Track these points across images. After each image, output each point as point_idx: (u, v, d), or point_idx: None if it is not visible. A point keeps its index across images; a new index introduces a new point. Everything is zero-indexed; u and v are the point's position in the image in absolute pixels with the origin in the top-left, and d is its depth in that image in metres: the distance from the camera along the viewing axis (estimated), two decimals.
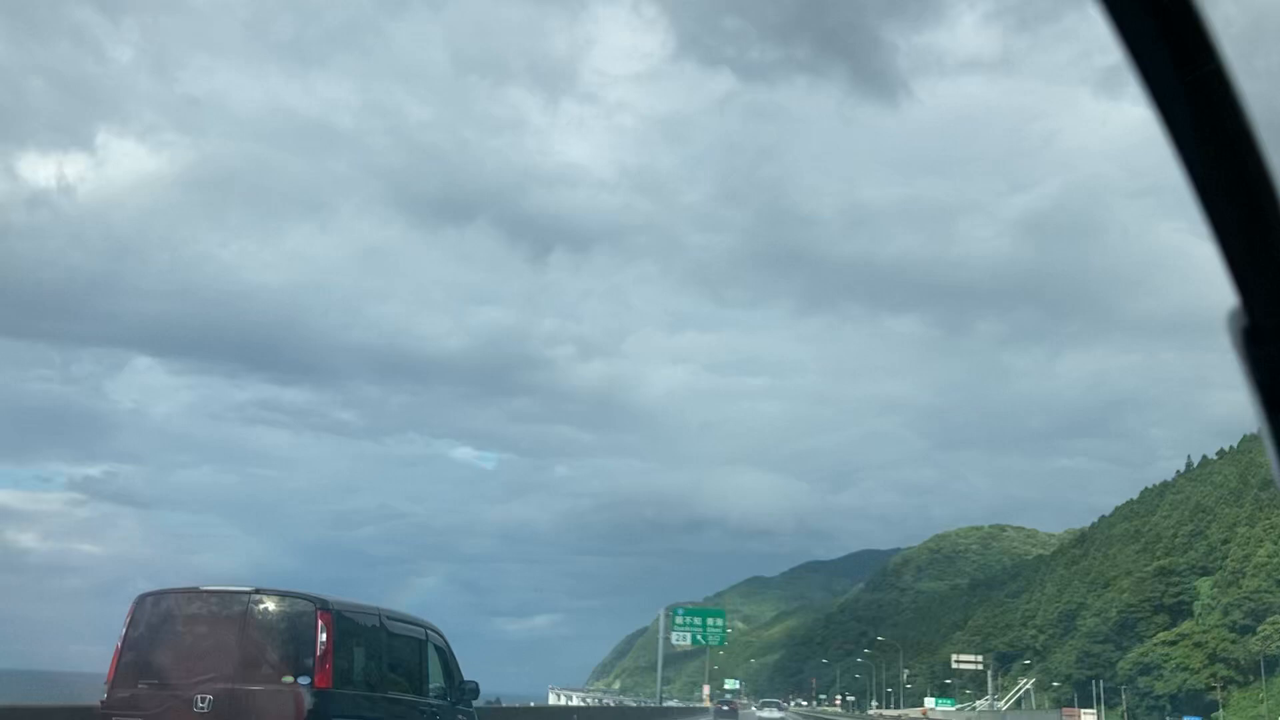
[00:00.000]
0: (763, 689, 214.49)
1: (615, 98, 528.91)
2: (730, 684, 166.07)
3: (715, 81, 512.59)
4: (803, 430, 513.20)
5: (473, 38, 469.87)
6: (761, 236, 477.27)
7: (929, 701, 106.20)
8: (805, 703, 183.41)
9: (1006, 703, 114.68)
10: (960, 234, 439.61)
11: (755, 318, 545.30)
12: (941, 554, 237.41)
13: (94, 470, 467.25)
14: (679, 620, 79.58)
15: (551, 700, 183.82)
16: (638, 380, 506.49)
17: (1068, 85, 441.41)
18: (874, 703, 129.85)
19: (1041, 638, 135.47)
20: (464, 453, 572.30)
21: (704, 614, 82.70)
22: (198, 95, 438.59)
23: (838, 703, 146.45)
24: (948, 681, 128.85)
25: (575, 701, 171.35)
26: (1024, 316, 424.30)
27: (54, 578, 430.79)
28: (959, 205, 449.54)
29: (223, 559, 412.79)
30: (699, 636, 78.22)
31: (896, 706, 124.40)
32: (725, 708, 76.43)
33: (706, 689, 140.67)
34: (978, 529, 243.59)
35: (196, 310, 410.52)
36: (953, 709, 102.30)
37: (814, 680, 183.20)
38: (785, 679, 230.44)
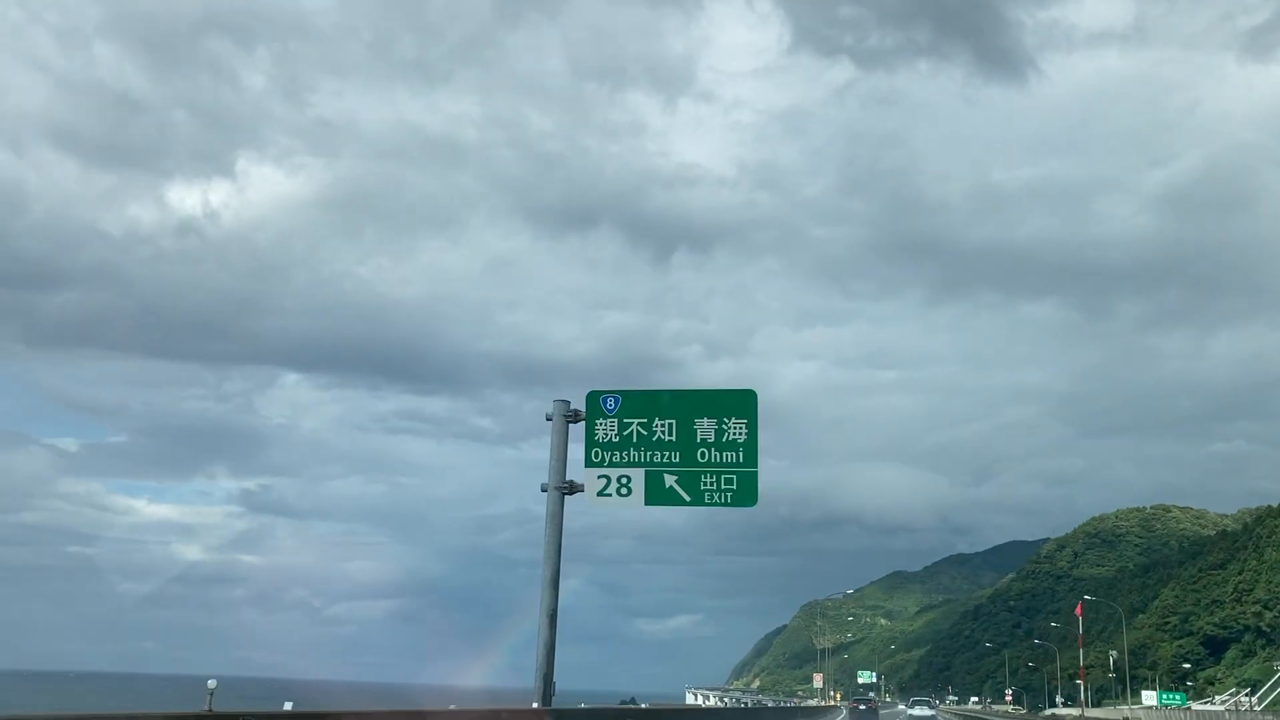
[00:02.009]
0: (908, 686, 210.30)
1: (733, 94, 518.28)
2: (865, 676, 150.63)
3: (833, 71, 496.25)
4: (939, 423, 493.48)
5: (589, 44, 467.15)
6: (888, 226, 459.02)
7: (1148, 696, 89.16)
8: (957, 700, 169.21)
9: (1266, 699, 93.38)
10: (1097, 213, 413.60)
11: (884, 309, 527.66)
12: (1100, 538, 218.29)
13: (250, 484, 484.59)
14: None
15: (689, 700, 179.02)
16: (766, 377, 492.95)
17: (1209, 51, 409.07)
18: (1060, 699, 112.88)
19: (1269, 615, 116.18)
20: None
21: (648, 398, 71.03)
22: (329, 117, 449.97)
23: (1008, 700, 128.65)
24: (1135, 673, 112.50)
25: (712, 701, 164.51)
26: (1169, 296, 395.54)
27: (218, 588, 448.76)
28: (1095, 184, 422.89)
29: (374, 566, 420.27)
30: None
31: (1089, 705, 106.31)
32: (863, 707, 68.77)
33: (818, 678, 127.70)
34: (1139, 510, 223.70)
35: (338, 326, 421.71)
36: (1184, 705, 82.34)
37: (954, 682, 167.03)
38: (932, 675, 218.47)
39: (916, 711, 76.39)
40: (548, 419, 14.31)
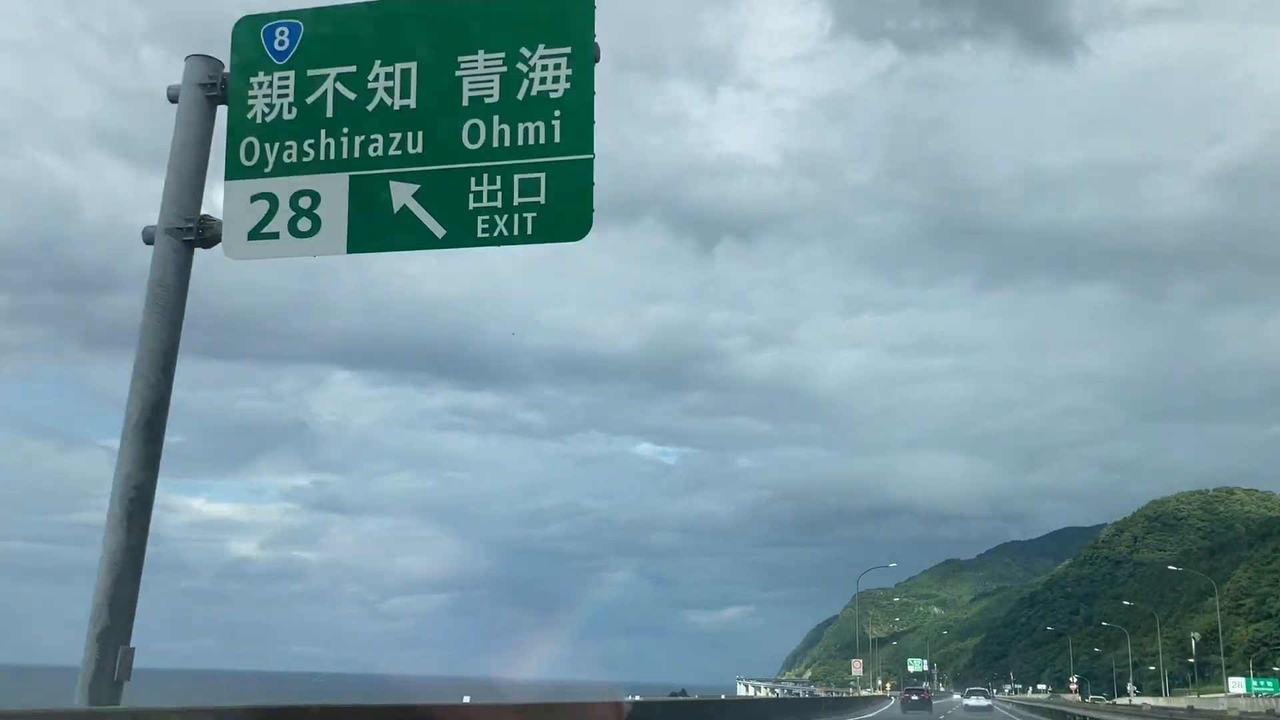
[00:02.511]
0: (962, 676, 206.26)
1: (774, 82, 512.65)
2: (916, 664, 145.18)
3: (876, 56, 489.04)
4: (991, 410, 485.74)
5: (628, 35, 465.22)
6: (936, 211, 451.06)
7: (1235, 683, 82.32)
8: (1019, 688, 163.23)
9: None
10: (1150, 194, 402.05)
11: (934, 296, 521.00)
12: (1160, 521, 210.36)
13: (303, 481, 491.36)
14: None
15: (740, 691, 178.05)
16: (814, 367, 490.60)
17: (1264, 23, 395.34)
18: (1131, 688, 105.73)
19: None
20: (644, 448, 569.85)
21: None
22: None
23: (1073, 687, 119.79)
24: (1206, 658, 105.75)
25: (763, 692, 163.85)
26: (1227, 277, 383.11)
27: (273, 583, 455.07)
28: (1147, 163, 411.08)
29: (426, 561, 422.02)
30: None
31: (1166, 692, 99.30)
32: (915, 697, 64.72)
33: (857, 665, 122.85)
34: (1200, 493, 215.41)
35: (386, 324, 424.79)
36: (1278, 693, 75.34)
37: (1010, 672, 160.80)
38: (986, 664, 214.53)
39: (972, 702, 73.60)
40: (171, 99, 5.71)
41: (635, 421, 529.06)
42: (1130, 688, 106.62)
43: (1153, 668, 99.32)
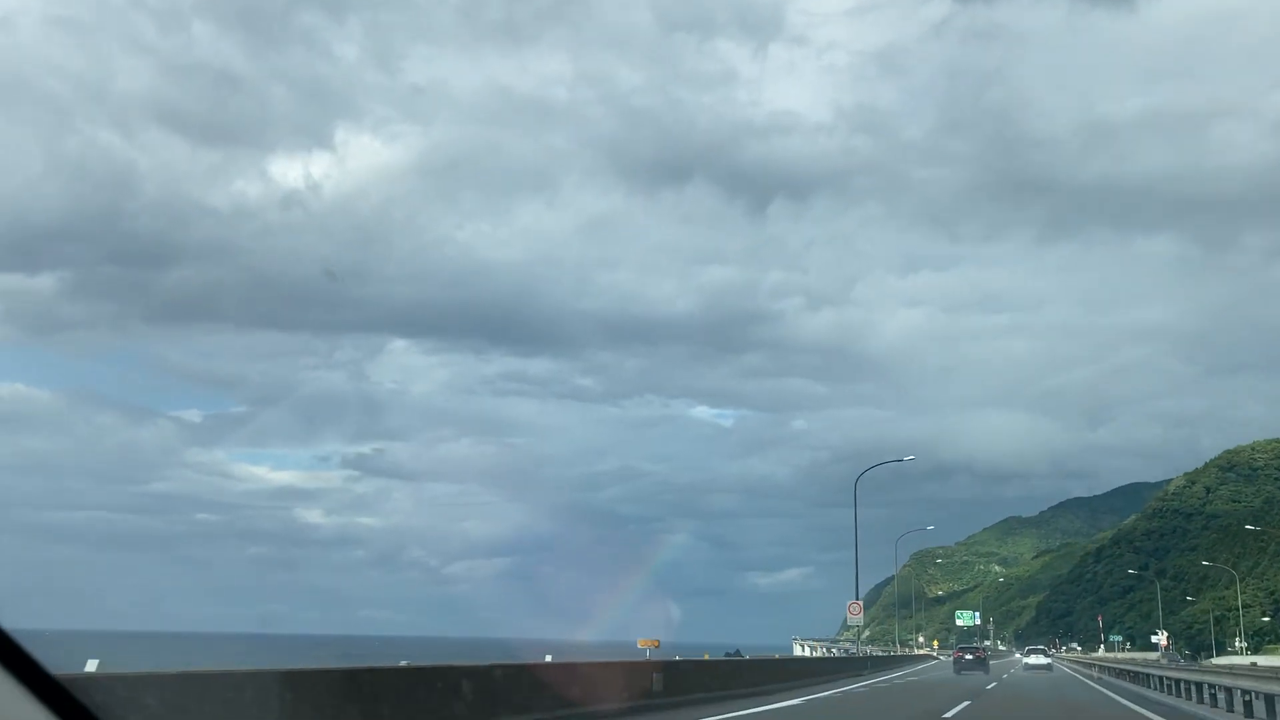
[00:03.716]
0: (1025, 634, 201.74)
1: (825, 36, 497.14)
2: (965, 618, 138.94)
3: (929, 7, 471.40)
4: (1052, 367, 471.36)
5: None
6: (993, 165, 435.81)
7: None
8: (1078, 648, 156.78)
9: None
10: (1216, 141, 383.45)
11: (992, 252, 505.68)
12: (1235, 472, 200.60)
13: (365, 448, 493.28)
14: None
15: (796, 651, 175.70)
16: (870, 327, 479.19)
17: None
18: (1241, 643, 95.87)
19: None
20: (701, 411, 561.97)
21: None
22: (421, 84, 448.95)
23: (1165, 644, 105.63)
24: None
25: (819, 652, 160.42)
26: None
27: (339, 549, 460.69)
28: (1212, 110, 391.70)
29: (487, 525, 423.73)
30: None
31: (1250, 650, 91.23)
32: (969, 657, 59.03)
33: (921, 638, 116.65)
34: (1278, 441, 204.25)
35: (440, 291, 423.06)
36: None
37: (1099, 619, 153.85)
38: (1051, 623, 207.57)
39: (1032, 660, 70.39)
40: None
41: (691, 385, 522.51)
42: (1241, 645, 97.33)
43: (1235, 623, 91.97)
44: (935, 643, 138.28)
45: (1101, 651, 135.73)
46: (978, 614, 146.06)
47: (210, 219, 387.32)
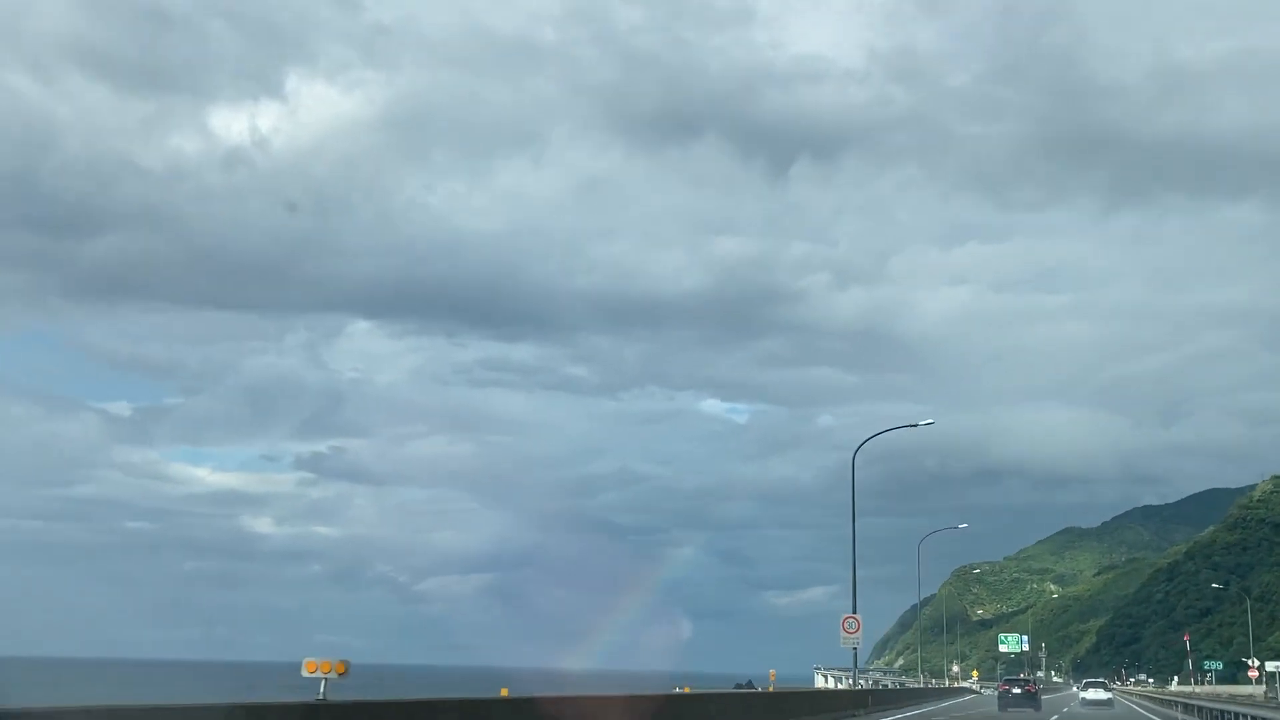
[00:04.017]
0: (1084, 664, 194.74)
1: None
2: (1009, 643, 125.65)
3: None
4: (1119, 354, 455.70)
5: None
6: (1052, 119, 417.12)
7: None
8: (1150, 681, 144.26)
9: None
10: None
11: (1050, 220, 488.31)
12: None
13: (321, 446, 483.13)
14: None
15: (818, 682, 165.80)
16: (908, 308, 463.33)
17: None
18: None
19: None
20: (711, 405, 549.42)
21: None
22: (386, 23, 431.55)
23: (1253, 674, 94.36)
24: None
25: (846, 683, 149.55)
26: None
27: (292, 563, 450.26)
28: None
29: (464, 536, 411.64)
30: None
31: None
32: (1016, 691, 58.31)
33: (955, 668, 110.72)
34: None
35: (409, 265, 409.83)
36: None
37: (1186, 638, 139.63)
38: (1115, 651, 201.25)
39: (1090, 695, 72.07)
40: None
41: (700, 374, 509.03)
42: None
43: None
44: (975, 673, 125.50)
45: (1177, 685, 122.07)
46: (1026, 639, 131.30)
47: (141, 180, 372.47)
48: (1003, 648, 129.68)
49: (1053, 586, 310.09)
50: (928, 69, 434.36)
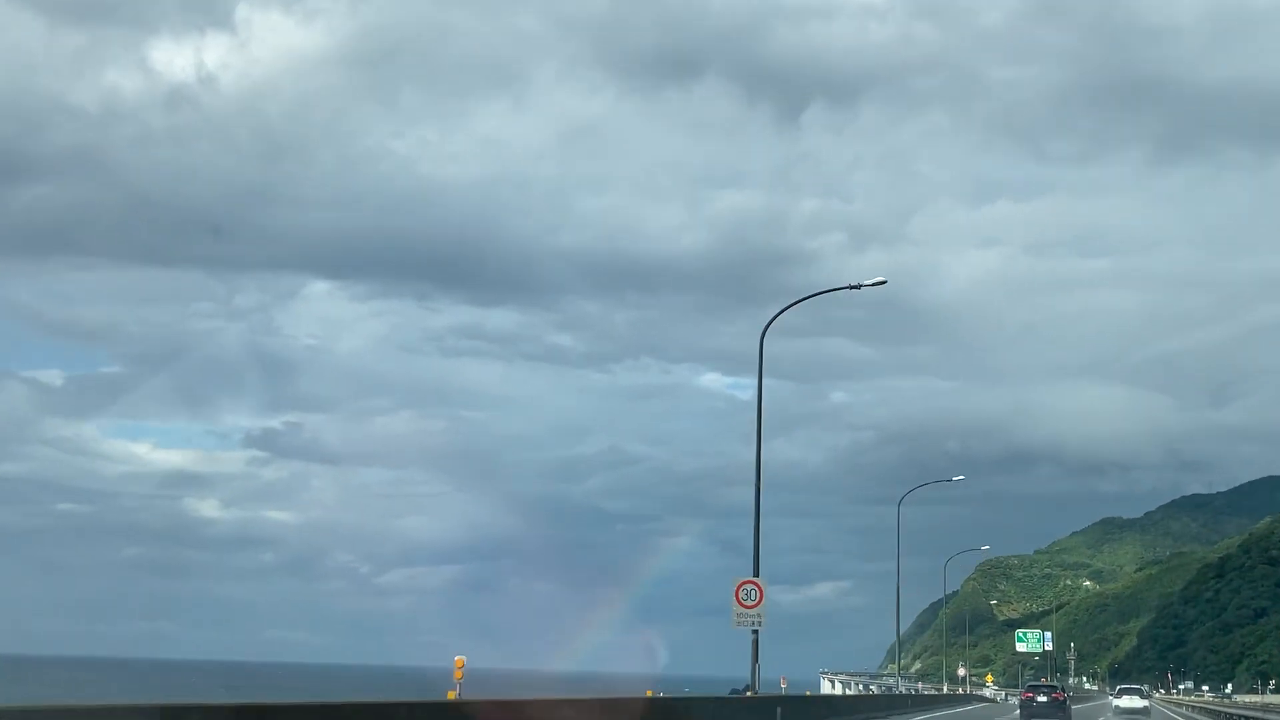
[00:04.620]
0: (1123, 669, 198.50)
1: None
2: (1028, 641, 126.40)
3: None
4: (1166, 326, 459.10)
5: None
6: (1095, 62, 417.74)
7: None
8: (1206, 691, 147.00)
9: None
10: None
11: (1092, 176, 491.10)
12: None
13: (275, 422, 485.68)
14: None
15: (825, 688, 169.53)
16: (931, 272, 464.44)
17: None
18: None
19: None
20: (711, 380, 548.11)
21: None
22: None
23: None
24: None
25: (854, 689, 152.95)
26: None
27: (241, 552, 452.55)
28: None
29: (434, 524, 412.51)
30: None
31: None
32: (1042, 699, 58.29)
33: (961, 670, 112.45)
34: None
35: (373, 219, 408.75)
36: None
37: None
38: (1158, 655, 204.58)
39: (1124, 703, 72.04)
40: None
41: (699, 345, 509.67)
42: None
43: None
44: (990, 677, 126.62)
45: (1230, 693, 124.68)
46: (1048, 636, 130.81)
47: (74, 121, 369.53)
48: (1020, 647, 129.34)
49: (1088, 583, 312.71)
50: (957, 5, 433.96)
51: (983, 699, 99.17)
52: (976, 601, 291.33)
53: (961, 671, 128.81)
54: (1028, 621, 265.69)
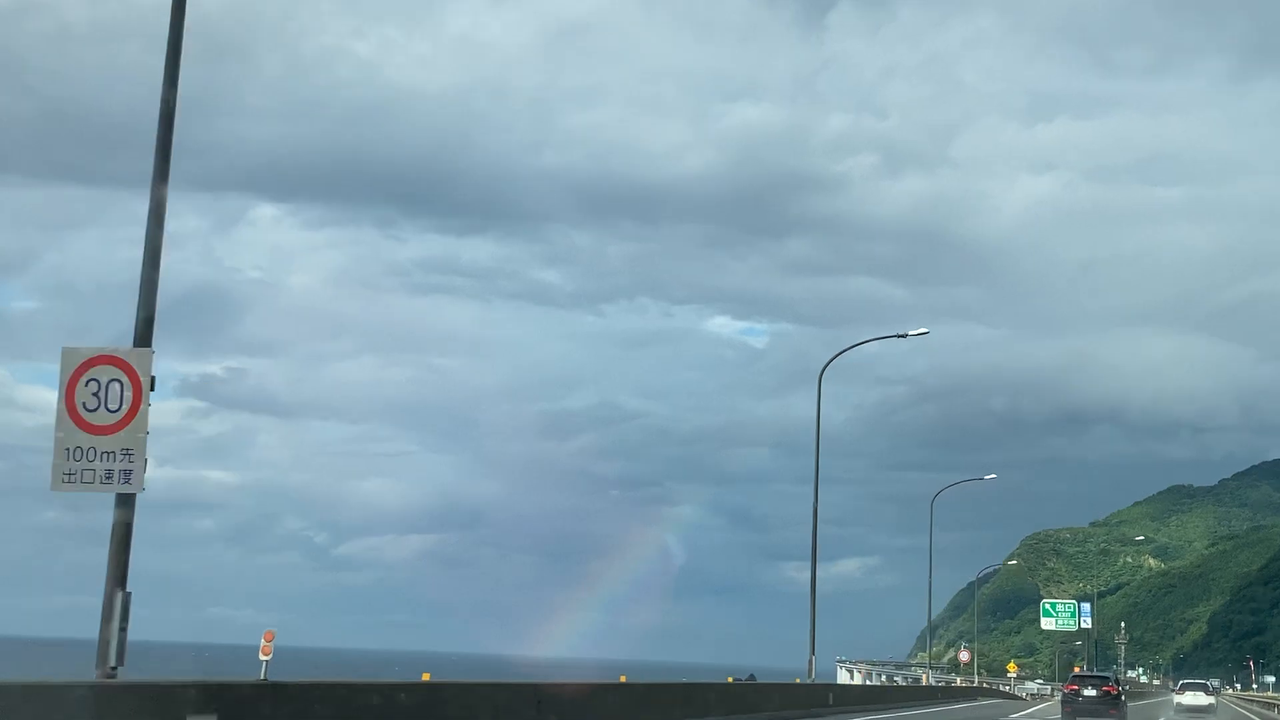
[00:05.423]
0: (1192, 662, 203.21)
1: None
2: (1056, 612, 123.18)
3: None
4: (1245, 267, 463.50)
5: None
6: None
7: None
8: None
9: None
10: None
11: (1165, 91, 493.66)
12: None
13: (214, 367, 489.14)
14: None
15: (842, 678, 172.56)
16: (977, 201, 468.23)
17: None
18: None
19: None
20: (720, 324, 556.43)
21: None
22: None
23: None
24: None
25: (879, 679, 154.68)
26: None
27: (177, 517, 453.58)
28: None
29: (400, 487, 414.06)
30: None
31: None
32: (1090, 692, 56.50)
33: (965, 655, 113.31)
34: None
35: (330, 133, 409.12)
36: None
37: None
38: (1232, 644, 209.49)
39: (1188, 700, 75.02)
40: None
41: (706, 283, 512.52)
42: None
43: None
44: (1013, 666, 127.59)
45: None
46: (1086, 609, 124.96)
47: None
48: (1047, 623, 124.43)
49: (1152, 560, 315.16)
50: None
51: (993, 693, 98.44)
52: (1021, 581, 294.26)
53: (964, 656, 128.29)
54: (1079, 603, 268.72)
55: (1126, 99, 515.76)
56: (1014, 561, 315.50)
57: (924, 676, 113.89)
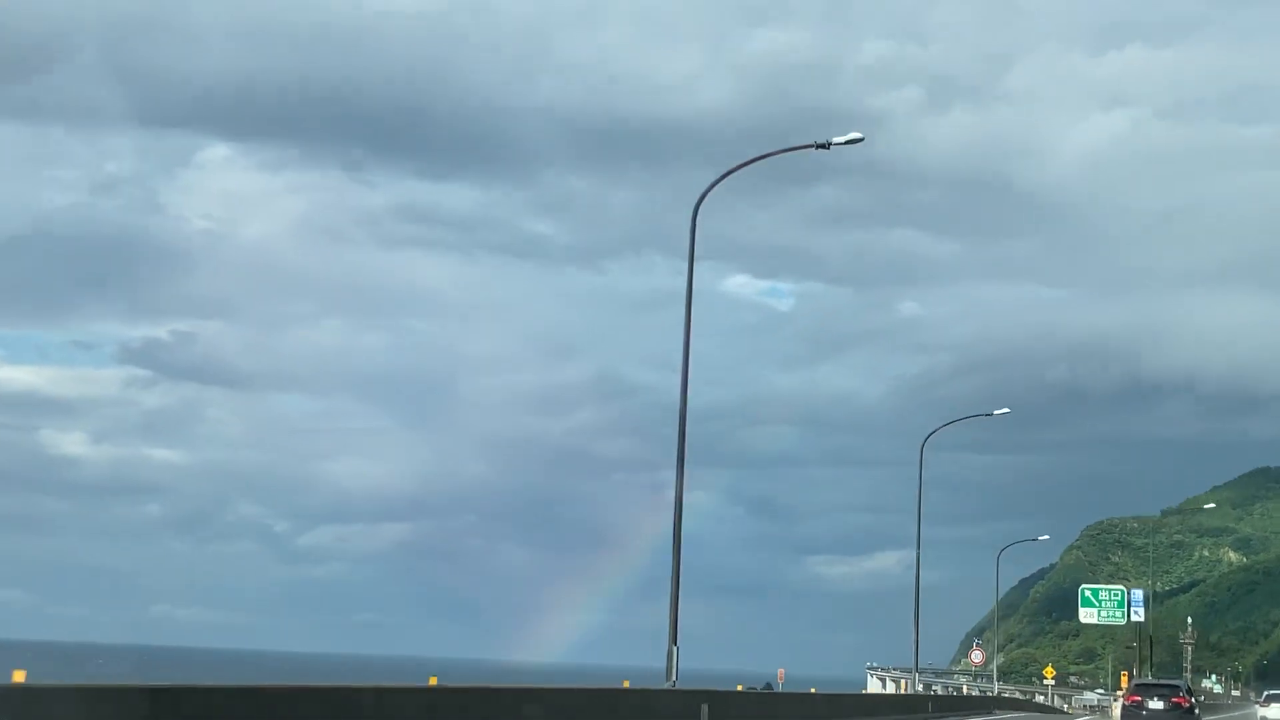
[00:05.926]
0: (1277, 669, 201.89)
1: None
2: (1099, 601, 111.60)
3: None
4: None
5: None
6: None
7: None
8: None
9: None
10: None
11: (1253, 17, 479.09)
12: None
13: (159, 331, 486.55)
14: None
15: (873, 687, 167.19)
16: (1036, 141, 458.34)
17: None
18: None
19: None
20: (738, 283, 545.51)
21: None
22: None
23: None
24: None
25: (918, 688, 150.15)
26: None
27: (117, 501, 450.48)
28: None
29: (371, 469, 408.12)
30: None
31: None
32: (1156, 705, 58.11)
33: (978, 655, 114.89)
34: None
35: (290, 61, 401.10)
36: None
37: None
38: None
39: (1274, 713, 77.44)
40: None
41: (722, 236, 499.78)
42: None
43: None
44: (1049, 671, 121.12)
45: None
46: (1138, 598, 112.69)
47: None
48: (1087, 614, 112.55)
49: (1233, 554, 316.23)
50: None
51: (1016, 704, 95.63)
52: (1081, 576, 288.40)
53: (978, 658, 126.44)
54: (1155, 602, 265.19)
55: (1207, 24, 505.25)
56: (1074, 553, 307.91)
57: (964, 687, 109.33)
